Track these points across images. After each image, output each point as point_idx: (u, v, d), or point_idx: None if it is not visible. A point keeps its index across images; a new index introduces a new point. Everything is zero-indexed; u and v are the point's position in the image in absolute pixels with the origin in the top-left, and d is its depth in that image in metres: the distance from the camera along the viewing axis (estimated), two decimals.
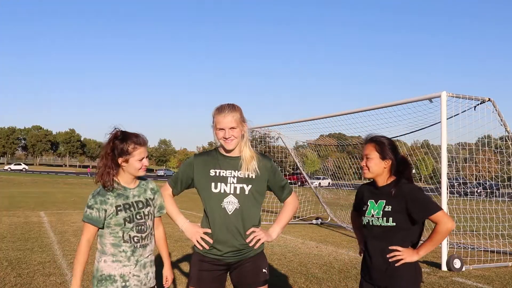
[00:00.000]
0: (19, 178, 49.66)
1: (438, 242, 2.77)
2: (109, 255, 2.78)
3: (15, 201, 19.98)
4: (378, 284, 2.85)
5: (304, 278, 6.65)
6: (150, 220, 2.90)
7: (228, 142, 2.85)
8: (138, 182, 2.93)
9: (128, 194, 2.83)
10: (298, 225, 13.70)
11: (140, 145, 2.81)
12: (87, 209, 2.77)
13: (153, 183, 3.01)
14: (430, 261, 8.18)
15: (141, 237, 2.83)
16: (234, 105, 2.91)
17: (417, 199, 2.75)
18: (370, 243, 2.90)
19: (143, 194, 2.90)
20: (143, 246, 2.84)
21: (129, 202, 2.81)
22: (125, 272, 2.78)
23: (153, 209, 2.93)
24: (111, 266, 2.77)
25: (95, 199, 2.76)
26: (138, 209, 2.83)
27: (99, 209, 2.74)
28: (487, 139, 9.36)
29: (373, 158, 2.87)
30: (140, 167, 2.82)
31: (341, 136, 19.68)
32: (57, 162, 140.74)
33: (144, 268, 2.86)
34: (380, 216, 2.81)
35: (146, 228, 2.86)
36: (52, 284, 5.87)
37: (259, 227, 2.96)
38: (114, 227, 2.77)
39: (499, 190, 11.33)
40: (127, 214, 2.78)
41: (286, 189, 3.09)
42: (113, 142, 2.77)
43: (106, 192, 2.77)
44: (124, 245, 2.78)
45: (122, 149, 2.75)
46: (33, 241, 9.22)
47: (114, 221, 2.75)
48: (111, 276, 2.76)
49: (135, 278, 2.81)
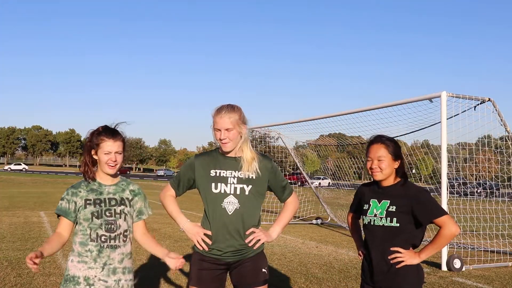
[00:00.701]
0: (19, 178, 49.67)
1: (441, 246, 2.74)
2: (76, 254, 2.68)
3: (15, 201, 19.98)
4: (380, 286, 2.81)
5: (304, 278, 6.65)
6: (123, 220, 2.75)
7: (224, 144, 2.84)
8: (117, 181, 2.84)
9: (102, 190, 2.75)
10: (298, 225, 13.70)
11: (107, 137, 2.70)
12: (60, 201, 2.74)
13: (135, 185, 2.91)
14: (430, 261, 8.18)
15: (110, 236, 2.69)
16: (233, 106, 2.89)
17: (424, 201, 2.72)
18: (371, 243, 2.86)
19: (119, 193, 2.80)
20: (112, 247, 2.69)
21: (101, 198, 2.73)
22: (90, 275, 2.64)
23: (128, 210, 2.79)
24: (77, 266, 2.66)
25: (68, 191, 2.74)
26: (109, 206, 2.72)
27: (70, 200, 2.70)
28: (487, 139, 9.37)
29: (385, 160, 2.81)
30: (105, 161, 2.69)
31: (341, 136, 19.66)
32: (57, 162, 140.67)
33: (114, 274, 2.69)
34: (383, 216, 2.78)
35: (116, 228, 2.71)
36: (52, 284, 5.87)
37: (258, 228, 2.96)
38: (83, 223, 2.68)
39: (499, 190, 11.34)
40: (96, 208, 2.68)
41: (287, 189, 3.08)
42: (91, 135, 2.75)
43: (80, 185, 2.75)
44: (91, 244, 2.66)
45: (94, 142, 2.72)
46: (33, 241, 9.22)
47: (82, 215, 2.67)
48: (75, 278, 2.64)
49: (101, 283, 2.65)
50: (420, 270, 2.80)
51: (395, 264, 2.74)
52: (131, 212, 2.82)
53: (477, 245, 9.88)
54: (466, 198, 10.74)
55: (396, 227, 2.74)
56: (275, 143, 20.67)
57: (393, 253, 2.76)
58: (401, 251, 2.74)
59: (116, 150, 2.71)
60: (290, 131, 14.55)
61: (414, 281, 2.75)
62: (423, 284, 2.83)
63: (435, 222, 2.72)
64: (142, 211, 2.89)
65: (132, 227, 2.84)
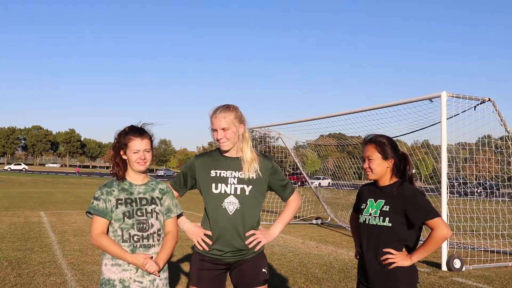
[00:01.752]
0: (19, 178, 49.66)
1: (433, 248, 2.71)
2: (109, 257, 2.67)
3: (15, 201, 19.97)
4: (373, 286, 2.81)
5: (304, 278, 6.65)
6: (155, 219, 2.76)
7: (221, 144, 2.85)
8: (147, 181, 2.86)
9: (133, 190, 2.77)
10: (298, 225, 13.69)
11: (135, 136, 2.74)
12: (94, 201, 2.71)
13: (164, 184, 2.93)
14: (430, 261, 8.18)
15: (142, 236, 2.69)
16: (228, 105, 2.89)
17: (417, 202, 2.72)
18: (364, 242, 2.87)
19: (149, 192, 2.81)
20: (145, 247, 2.70)
21: (132, 197, 2.74)
22: (125, 277, 2.64)
23: (159, 208, 2.81)
24: (111, 270, 2.66)
25: (101, 190, 2.73)
26: (140, 205, 2.73)
27: (106, 199, 2.69)
28: (487, 139, 9.36)
29: (375, 160, 2.83)
30: (135, 160, 2.73)
31: (341, 136, 19.65)
32: (57, 162, 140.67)
33: (149, 274, 2.68)
34: (377, 215, 2.79)
35: (149, 227, 2.72)
36: (52, 284, 5.87)
37: (258, 228, 2.96)
38: (113, 224, 2.68)
39: (499, 190, 11.34)
40: (127, 208, 2.69)
41: (288, 188, 3.08)
42: (119, 136, 2.78)
43: (113, 184, 2.75)
44: (123, 245, 2.66)
45: (122, 142, 2.75)
46: (33, 241, 9.21)
47: (114, 215, 2.68)
48: (110, 281, 2.64)
49: (136, 284, 2.66)
50: (413, 270, 2.78)
51: (388, 265, 2.74)
52: (162, 210, 2.84)
53: (477, 245, 9.87)
54: (466, 198, 10.74)
55: (387, 227, 2.74)
56: (275, 143, 20.68)
57: (385, 253, 2.75)
58: (393, 252, 2.74)
59: (144, 148, 2.76)
60: (290, 131, 14.55)
61: (407, 282, 2.74)
62: (417, 284, 2.81)
63: (427, 224, 2.70)
64: (171, 209, 2.90)
65: (162, 224, 2.85)
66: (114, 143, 2.81)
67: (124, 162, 2.79)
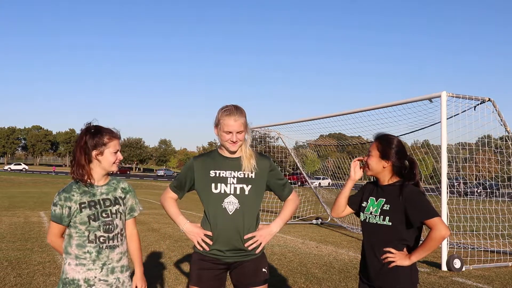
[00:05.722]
0: (19, 178, 49.67)
1: (432, 248, 2.71)
2: (73, 257, 2.64)
3: (15, 201, 19.98)
4: (374, 285, 2.83)
5: (304, 278, 6.65)
6: (119, 219, 2.74)
7: (233, 145, 2.88)
8: (108, 180, 2.79)
9: (95, 191, 2.70)
10: (298, 225, 13.70)
11: (115, 137, 2.72)
12: (52, 207, 2.67)
13: (125, 183, 2.88)
14: (430, 261, 8.18)
15: (108, 237, 2.68)
16: (241, 108, 2.92)
17: (416, 201, 2.73)
18: (366, 240, 2.90)
19: (112, 192, 2.76)
20: (110, 248, 2.68)
21: (95, 199, 2.68)
22: (90, 277, 2.63)
23: (123, 208, 2.78)
24: (75, 269, 2.63)
25: (59, 196, 2.66)
26: (104, 207, 2.69)
27: (63, 206, 2.63)
28: (487, 139, 9.37)
29: (373, 156, 2.87)
30: (114, 161, 2.71)
31: (341, 136, 19.67)
32: (57, 162, 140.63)
33: (113, 273, 2.68)
34: (377, 214, 2.81)
35: (114, 228, 2.70)
36: (52, 284, 5.87)
37: (257, 228, 2.97)
38: (79, 226, 2.64)
39: (499, 190, 11.33)
40: (92, 211, 2.64)
41: (287, 187, 3.09)
42: (86, 135, 2.67)
43: (72, 188, 2.68)
44: (89, 245, 2.63)
45: (97, 141, 2.65)
46: (33, 241, 9.22)
47: (78, 219, 2.63)
48: (75, 281, 2.61)
49: (102, 282, 2.65)
50: (413, 270, 2.79)
51: (388, 263, 2.75)
52: (125, 210, 2.82)
53: (477, 245, 9.87)
54: (466, 198, 10.74)
55: (388, 226, 2.76)
56: (275, 143, 20.70)
57: (385, 252, 2.77)
58: (393, 252, 2.75)
59: (119, 148, 2.76)
60: (290, 131, 14.56)
61: (406, 281, 2.75)
62: (417, 284, 2.82)
63: (425, 223, 2.71)
64: (134, 208, 2.88)
65: (124, 224, 2.83)
66: (81, 143, 2.66)
67: (89, 164, 2.68)
